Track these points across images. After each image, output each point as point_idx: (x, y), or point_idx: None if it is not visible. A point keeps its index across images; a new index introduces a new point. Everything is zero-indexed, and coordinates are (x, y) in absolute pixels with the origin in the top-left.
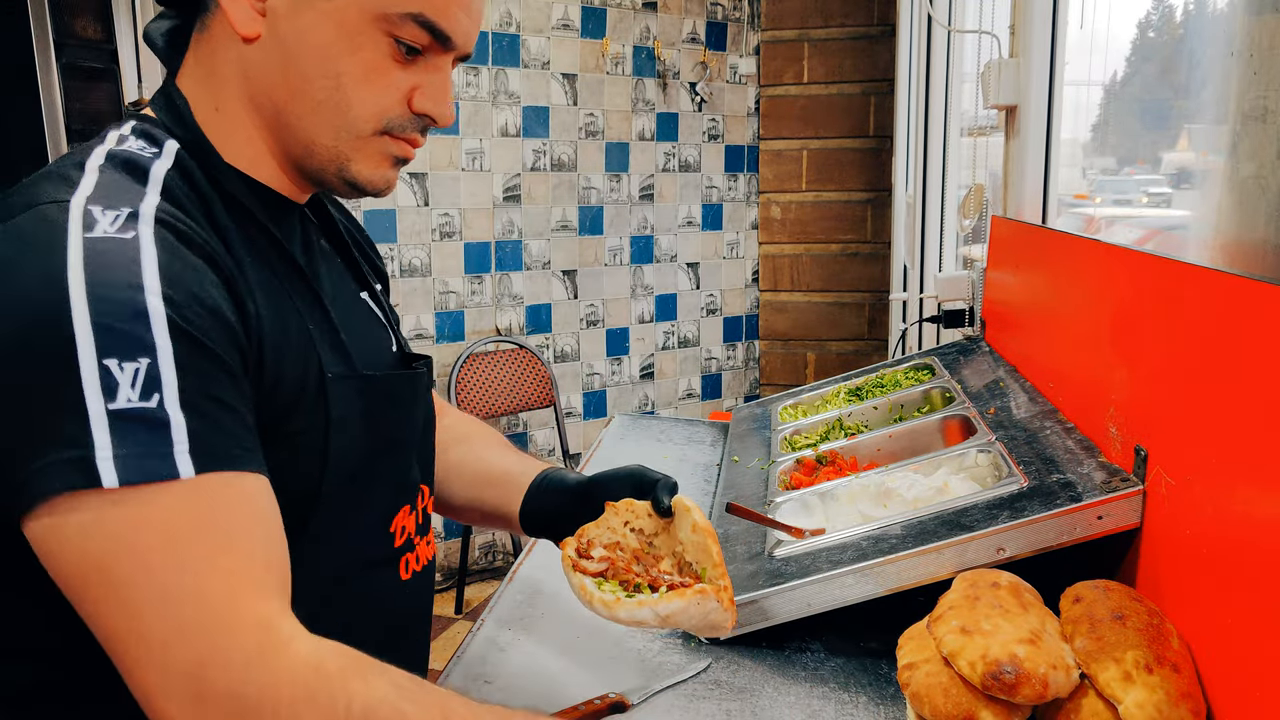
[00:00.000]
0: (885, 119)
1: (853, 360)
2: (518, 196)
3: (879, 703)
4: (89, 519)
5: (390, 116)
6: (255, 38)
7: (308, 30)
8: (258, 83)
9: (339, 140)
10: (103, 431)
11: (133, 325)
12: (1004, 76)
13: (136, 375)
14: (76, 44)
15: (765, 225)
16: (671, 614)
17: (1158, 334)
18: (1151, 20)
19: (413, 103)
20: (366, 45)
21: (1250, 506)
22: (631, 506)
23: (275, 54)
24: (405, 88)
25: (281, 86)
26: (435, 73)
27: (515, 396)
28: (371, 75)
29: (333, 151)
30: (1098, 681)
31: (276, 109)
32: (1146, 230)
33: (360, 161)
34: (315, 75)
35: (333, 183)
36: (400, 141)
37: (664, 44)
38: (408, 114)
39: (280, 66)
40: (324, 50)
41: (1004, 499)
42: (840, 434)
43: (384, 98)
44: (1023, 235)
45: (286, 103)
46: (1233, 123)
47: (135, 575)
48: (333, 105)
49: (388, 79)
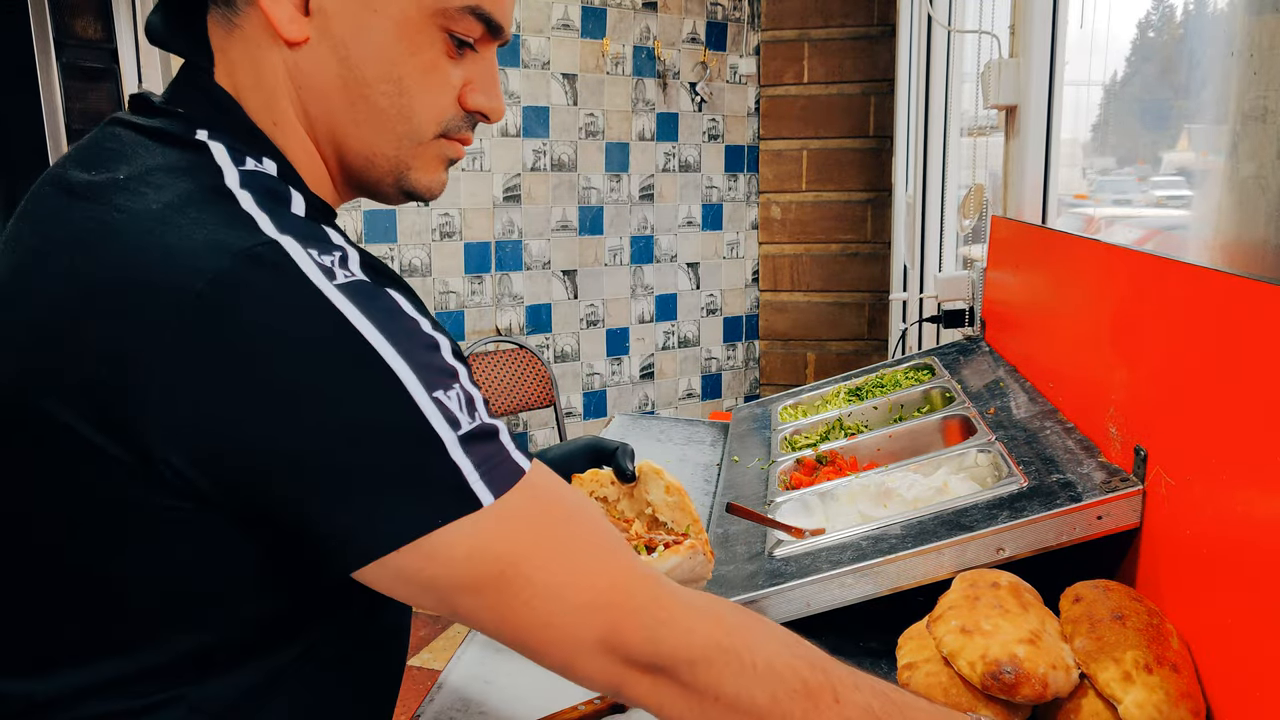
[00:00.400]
0: (885, 119)
1: (853, 360)
2: (518, 196)
3: None
4: (480, 539)
5: (448, 118)
6: (303, 41)
7: (364, 32)
8: (310, 91)
9: (401, 149)
10: (462, 457)
11: (435, 356)
12: (1004, 76)
13: (459, 399)
14: (76, 44)
15: (765, 225)
16: (671, 569)
17: (1158, 334)
18: (1151, 20)
19: (465, 100)
20: (425, 44)
21: (1250, 506)
22: (596, 476)
23: (328, 59)
24: (458, 85)
25: (338, 94)
26: (482, 64)
27: (515, 396)
28: (431, 76)
29: (394, 161)
30: (1097, 681)
31: (332, 119)
32: (1146, 230)
33: (419, 169)
34: (375, 80)
35: (389, 193)
36: (453, 142)
37: (664, 44)
38: (461, 113)
39: (336, 73)
40: (384, 53)
41: (1004, 499)
42: (840, 434)
43: (443, 98)
44: (1023, 235)
45: (343, 112)
46: (1233, 123)
47: (544, 563)
48: (396, 112)
49: (444, 78)
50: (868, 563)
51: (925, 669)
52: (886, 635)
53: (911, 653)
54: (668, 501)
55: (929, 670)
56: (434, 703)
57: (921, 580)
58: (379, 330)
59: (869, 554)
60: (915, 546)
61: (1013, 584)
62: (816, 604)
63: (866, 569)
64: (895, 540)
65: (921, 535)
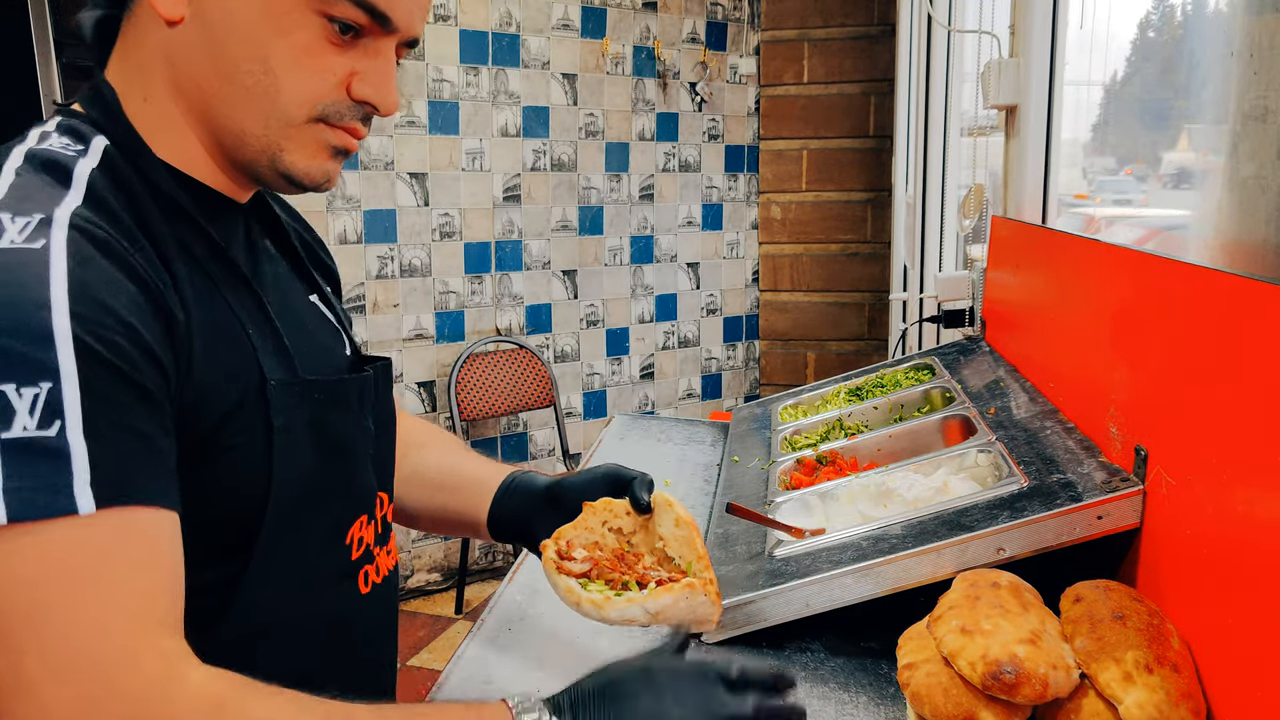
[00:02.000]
0: (885, 119)
1: (853, 360)
2: (518, 196)
3: (879, 703)
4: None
5: (325, 103)
6: (179, 20)
7: (234, 11)
8: (184, 69)
9: (270, 129)
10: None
11: (35, 347)
12: (1004, 76)
13: (36, 401)
14: (77, 44)
15: (765, 225)
16: (661, 610)
17: (1158, 334)
18: (1151, 20)
19: (351, 89)
20: (297, 26)
21: (1250, 506)
22: (610, 506)
23: (200, 37)
24: (342, 73)
25: (208, 72)
26: (376, 57)
27: (515, 396)
28: (303, 59)
29: (264, 140)
30: (1098, 681)
31: (204, 96)
32: (1147, 230)
33: (294, 152)
34: (242, 59)
35: (266, 175)
36: (339, 131)
37: (664, 44)
38: (346, 101)
39: (206, 50)
40: (251, 32)
41: (1004, 499)
42: (840, 434)
43: (317, 83)
44: (1023, 235)
45: (214, 89)
46: (1233, 123)
47: (27, 613)
48: (262, 91)
49: (321, 62)
50: (868, 563)
51: (925, 669)
52: (887, 635)
53: (912, 653)
54: (677, 535)
55: (929, 670)
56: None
57: (922, 580)
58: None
59: (869, 554)
60: (915, 547)
61: (1013, 584)
62: (817, 604)
63: (867, 569)
64: (895, 540)
65: (922, 535)
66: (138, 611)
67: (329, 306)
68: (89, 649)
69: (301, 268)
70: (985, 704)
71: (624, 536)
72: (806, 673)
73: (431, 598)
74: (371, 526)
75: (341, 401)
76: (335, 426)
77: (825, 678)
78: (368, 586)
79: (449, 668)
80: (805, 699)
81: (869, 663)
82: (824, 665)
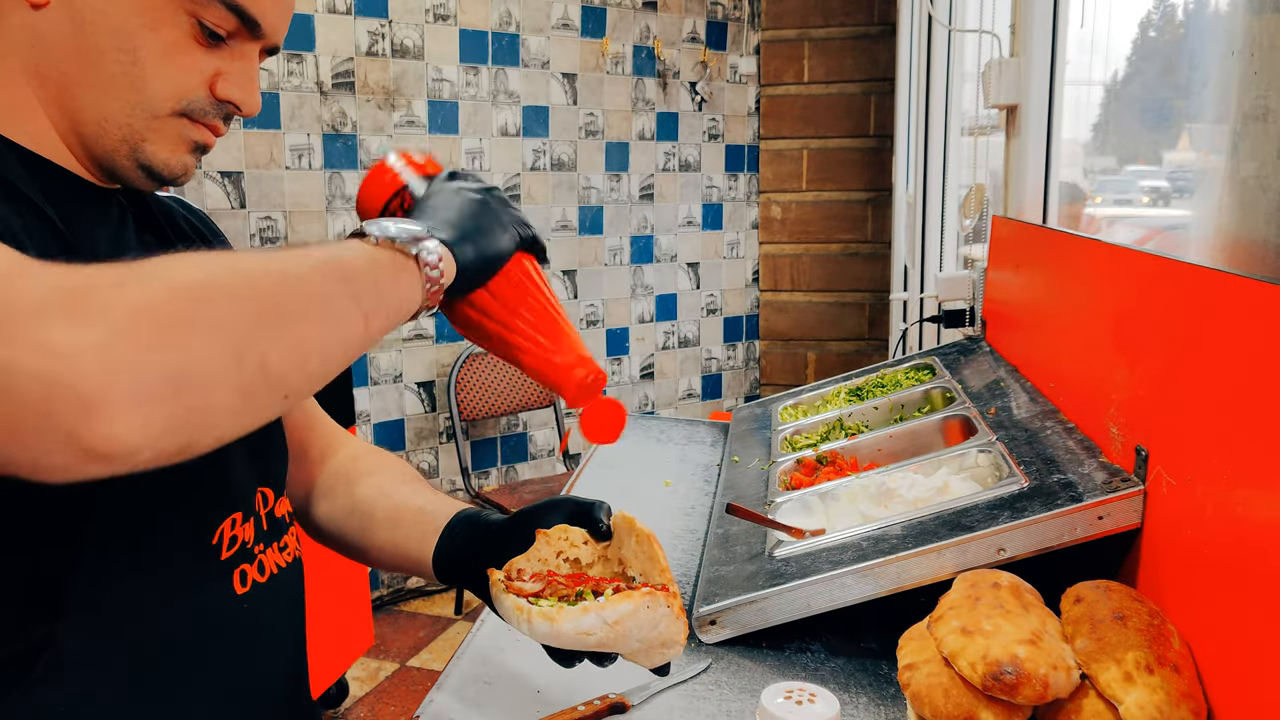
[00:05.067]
0: (885, 118)
1: (853, 360)
2: (518, 196)
3: (879, 703)
4: None
5: (190, 99)
6: (44, 4)
7: (104, 1)
8: (46, 53)
9: (133, 117)
10: None
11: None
12: (1004, 76)
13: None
14: None
15: (765, 225)
16: (620, 619)
17: (1158, 334)
18: (1152, 20)
19: (216, 89)
20: (167, 23)
21: (1251, 506)
22: (566, 533)
23: (66, 23)
24: (208, 71)
25: (72, 58)
26: (241, 60)
27: (515, 396)
28: (171, 54)
29: (126, 130)
30: (1098, 682)
31: (66, 82)
32: (1147, 230)
33: (156, 143)
34: (110, 49)
35: (125, 166)
36: (200, 126)
37: (664, 43)
38: (210, 98)
39: (72, 37)
40: (121, 24)
41: (1004, 499)
42: (841, 434)
43: (184, 78)
44: (1023, 235)
45: (78, 75)
46: (1233, 122)
47: None
48: (128, 81)
49: (189, 60)
50: (868, 563)
51: (926, 669)
52: (887, 635)
53: (912, 653)
54: (636, 552)
55: (930, 671)
56: (434, 703)
57: (922, 580)
58: None
59: (869, 554)
60: (916, 547)
61: (1014, 584)
62: (817, 604)
63: (867, 569)
64: (896, 540)
65: (922, 535)
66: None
67: None
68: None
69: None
70: (985, 704)
71: (581, 567)
72: (807, 673)
73: (431, 598)
74: (251, 524)
75: None
76: None
77: (825, 678)
78: (245, 586)
79: (449, 668)
80: None
81: (869, 663)
82: (824, 665)
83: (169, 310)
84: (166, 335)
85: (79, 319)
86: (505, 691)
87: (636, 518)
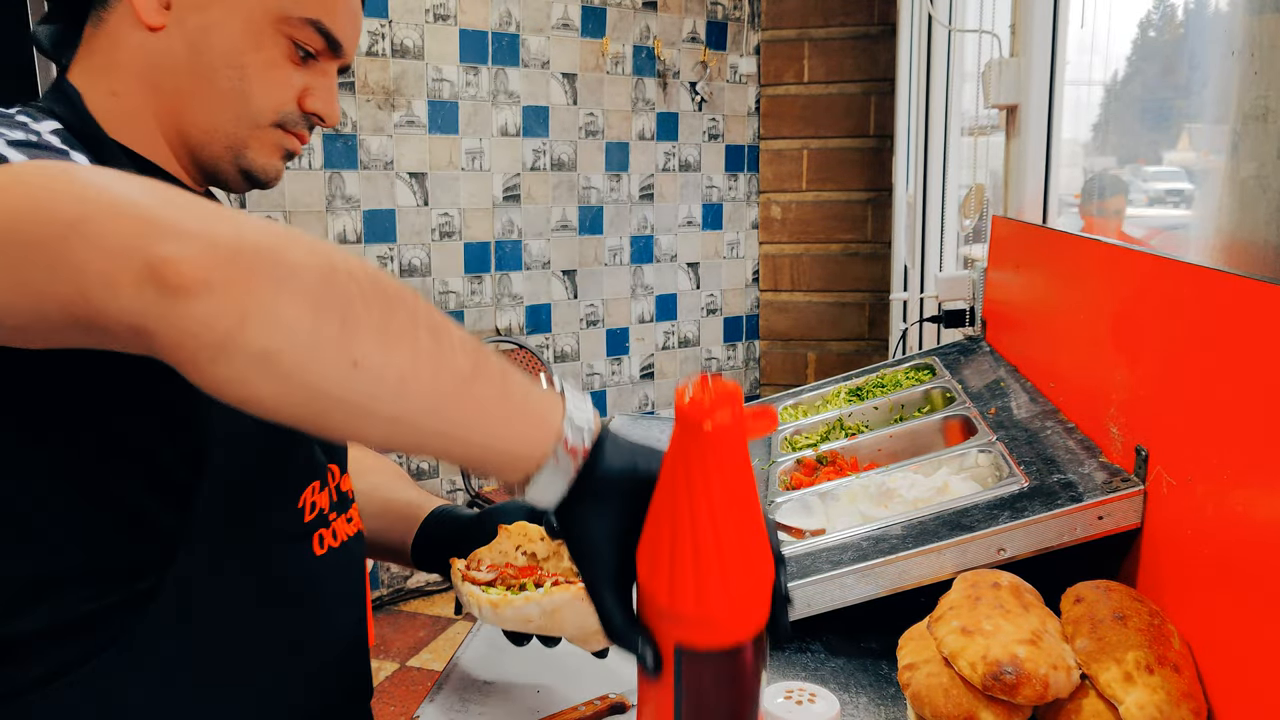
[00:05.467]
0: (885, 119)
1: (853, 360)
2: (518, 196)
3: (879, 703)
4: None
5: (285, 111)
6: (160, 28)
7: (215, 25)
8: (162, 69)
9: (239, 127)
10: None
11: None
12: (1004, 76)
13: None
14: None
15: (765, 225)
16: (557, 608)
17: (1158, 334)
18: (1152, 20)
19: (304, 102)
20: (268, 44)
21: (1251, 506)
22: (524, 530)
23: (180, 44)
24: (299, 87)
25: (186, 75)
26: (324, 76)
27: None
28: (271, 71)
29: (232, 138)
30: (1098, 682)
31: (180, 94)
32: (1147, 229)
33: (256, 150)
34: (221, 67)
35: (227, 170)
36: (290, 136)
37: (664, 43)
38: (299, 111)
39: (186, 56)
40: (230, 44)
41: (1005, 499)
42: (841, 434)
43: (281, 93)
44: (1023, 235)
45: (191, 90)
46: (1233, 122)
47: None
48: (236, 94)
49: (285, 76)
50: (868, 563)
51: (926, 669)
52: (887, 635)
53: (912, 653)
54: None
55: (930, 671)
56: (434, 703)
57: (922, 580)
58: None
59: (869, 554)
60: (916, 547)
61: (1014, 584)
62: (817, 604)
63: (867, 569)
64: (896, 540)
65: (922, 535)
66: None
67: None
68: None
69: None
70: (986, 704)
71: (536, 561)
72: (806, 673)
73: (431, 598)
74: (326, 494)
75: None
76: None
77: (825, 678)
78: (323, 549)
79: (449, 667)
80: None
81: (869, 663)
82: (824, 665)
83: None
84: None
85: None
86: (505, 691)
87: None
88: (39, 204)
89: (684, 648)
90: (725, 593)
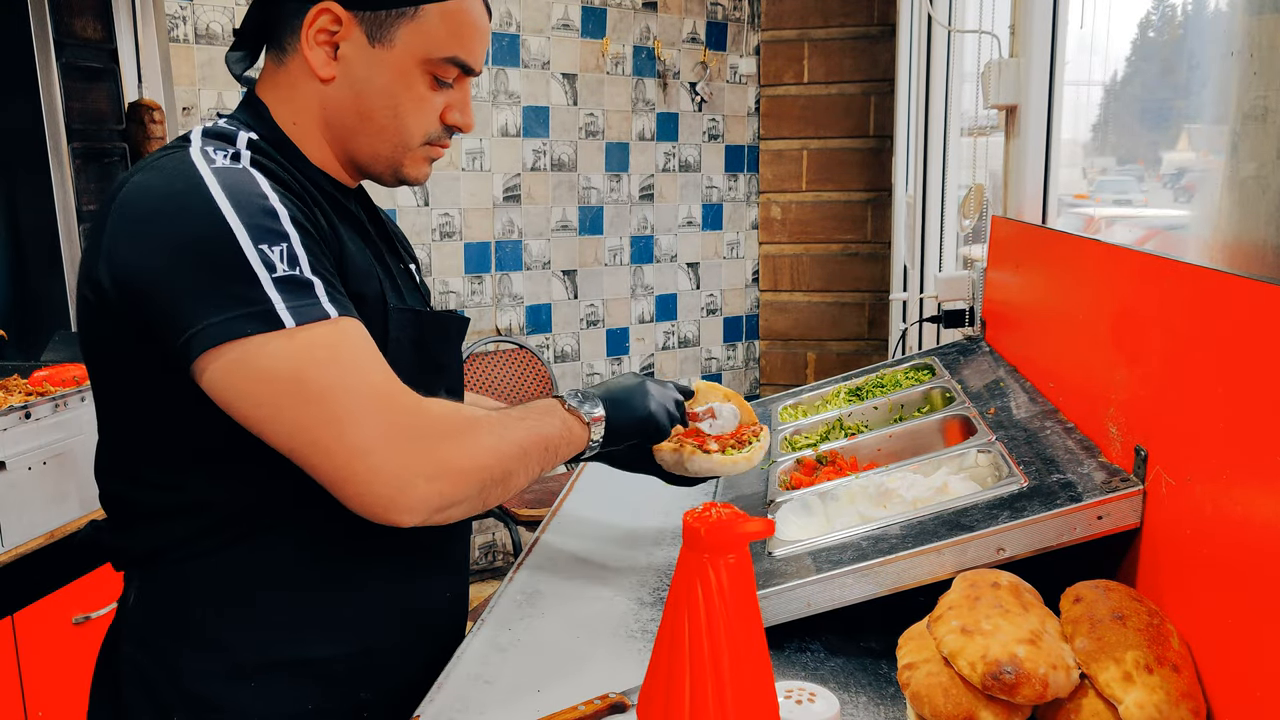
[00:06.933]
0: (885, 119)
1: (853, 360)
2: (518, 196)
3: (879, 703)
4: (278, 350)
5: (431, 132)
6: (331, 79)
7: (374, 75)
8: (332, 111)
9: (396, 152)
10: (274, 291)
11: (270, 220)
12: (1004, 76)
13: (282, 253)
14: (76, 44)
15: (765, 225)
16: (754, 453)
17: (1158, 334)
18: (1151, 20)
19: (445, 118)
20: (416, 82)
21: (1250, 506)
22: (710, 385)
23: (347, 91)
24: (440, 107)
25: (352, 114)
26: (460, 92)
27: (515, 397)
28: (419, 103)
29: (392, 161)
30: (1098, 682)
31: (347, 130)
32: (1147, 230)
33: (409, 165)
34: (379, 107)
35: (386, 180)
36: (434, 147)
37: (664, 44)
38: (440, 126)
39: (351, 100)
40: (387, 89)
41: (1004, 499)
42: (840, 434)
43: (428, 119)
44: (1023, 235)
45: (356, 126)
46: (1233, 123)
47: (324, 380)
48: (394, 129)
49: (429, 104)
50: (868, 563)
51: (926, 669)
52: (887, 635)
53: (912, 653)
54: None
55: (929, 670)
56: (434, 703)
57: (922, 580)
58: (225, 194)
59: (869, 554)
60: (915, 547)
61: (1013, 584)
62: (817, 604)
63: (867, 569)
64: (895, 540)
65: (922, 535)
66: (386, 370)
67: (418, 275)
68: (378, 394)
69: (394, 245)
70: (985, 704)
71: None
72: (806, 673)
73: None
74: None
75: (442, 332)
76: (436, 348)
77: (825, 678)
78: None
79: (449, 667)
80: None
81: (869, 663)
82: (824, 665)
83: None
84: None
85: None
86: (505, 691)
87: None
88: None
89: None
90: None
